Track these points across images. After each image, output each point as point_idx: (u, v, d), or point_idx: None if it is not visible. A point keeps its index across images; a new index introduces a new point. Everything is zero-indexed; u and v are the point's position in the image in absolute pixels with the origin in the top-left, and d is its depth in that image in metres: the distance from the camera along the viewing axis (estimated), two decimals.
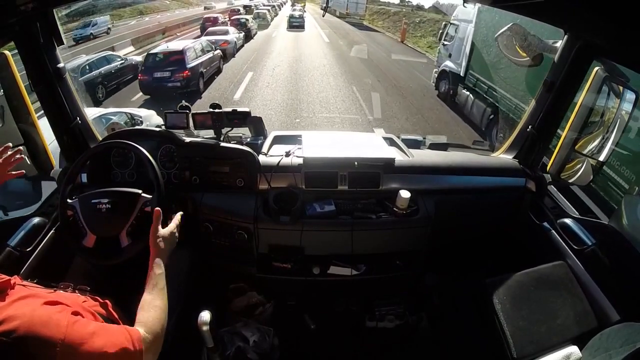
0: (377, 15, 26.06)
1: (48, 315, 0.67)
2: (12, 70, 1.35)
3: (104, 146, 1.41)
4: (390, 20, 23.37)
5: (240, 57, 11.82)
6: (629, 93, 1.35)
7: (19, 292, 0.70)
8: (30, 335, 0.62)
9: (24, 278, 0.86)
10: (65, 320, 0.67)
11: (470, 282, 1.48)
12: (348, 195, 1.54)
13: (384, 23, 23.72)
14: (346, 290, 1.71)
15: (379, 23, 24.32)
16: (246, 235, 1.49)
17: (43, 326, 0.64)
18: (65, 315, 0.69)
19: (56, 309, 0.70)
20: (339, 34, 18.08)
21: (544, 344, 1.17)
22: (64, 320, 0.67)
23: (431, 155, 1.75)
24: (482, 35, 6.09)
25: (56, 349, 0.63)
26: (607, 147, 1.42)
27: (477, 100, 6.28)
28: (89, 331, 0.69)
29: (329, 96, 8.04)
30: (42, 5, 1.23)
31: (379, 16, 25.76)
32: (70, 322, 0.68)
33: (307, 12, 25.85)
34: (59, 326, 0.66)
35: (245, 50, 13.09)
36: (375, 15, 26.10)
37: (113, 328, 0.76)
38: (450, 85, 7.26)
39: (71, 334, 0.66)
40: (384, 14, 25.51)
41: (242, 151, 1.53)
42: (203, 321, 1.04)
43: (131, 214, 1.21)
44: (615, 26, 0.97)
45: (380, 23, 24.21)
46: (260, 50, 13.19)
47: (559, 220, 1.51)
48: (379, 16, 25.76)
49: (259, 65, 10.84)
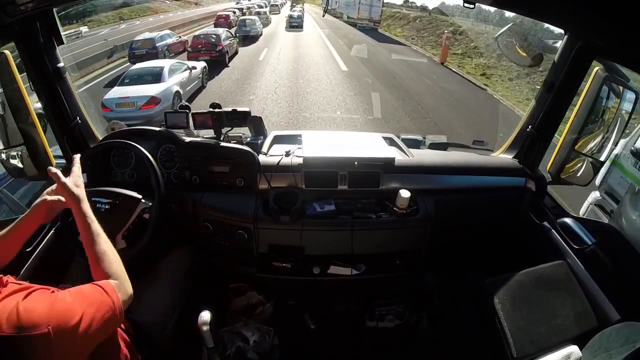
0: (393, 20, 20.47)
1: (31, 304, 0.68)
2: (12, 70, 1.35)
3: (104, 146, 1.41)
4: (412, 28, 18.05)
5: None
6: (629, 93, 1.35)
7: (9, 289, 0.71)
8: (18, 326, 0.63)
9: (24, 278, 0.86)
10: (46, 302, 0.69)
11: (470, 282, 1.49)
12: (348, 195, 1.54)
13: (404, 31, 18.33)
14: (346, 290, 1.71)
15: (397, 31, 18.81)
16: (246, 235, 1.49)
17: (28, 315, 0.65)
18: (46, 297, 0.71)
19: (36, 294, 0.71)
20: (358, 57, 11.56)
21: (544, 343, 1.17)
22: (44, 303, 0.69)
23: (431, 155, 1.75)
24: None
25: (48, 331, 0.65)
26: (607, 147, 1.43)
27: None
28: (68, 303, 0.71)
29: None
30: (42, 5, 1.23)
31: (395, 21, 20.30)
32: (50, 302, 0.69)
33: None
34: (42, 311, 0.67)
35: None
36: (390, 20, 20.47)
37: (85, 289, 0.78)
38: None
39: (55, 314, 0.67)
40: (402, 19, 19.98)
41: (242, 151, 1.53)
42: (203, 321, 1.04)
43: (129, 218, 1.21)
44: (616, 26, 0.97)
45: (399, 31, 18.68)
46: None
47: (559, 219, 1.51)
48: (395, 21, 20.30)
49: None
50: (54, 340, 0.65)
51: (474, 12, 17.51)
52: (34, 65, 1.37)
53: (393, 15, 21.02)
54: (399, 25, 19.41)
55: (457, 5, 24.36)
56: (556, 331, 1.19)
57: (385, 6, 20.29)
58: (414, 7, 22.95)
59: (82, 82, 8.36)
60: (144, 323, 1.10)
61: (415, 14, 19.84)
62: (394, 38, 17.30)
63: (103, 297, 0.77)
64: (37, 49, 1.34)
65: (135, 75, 6.71)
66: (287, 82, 8.85)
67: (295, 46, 14.25)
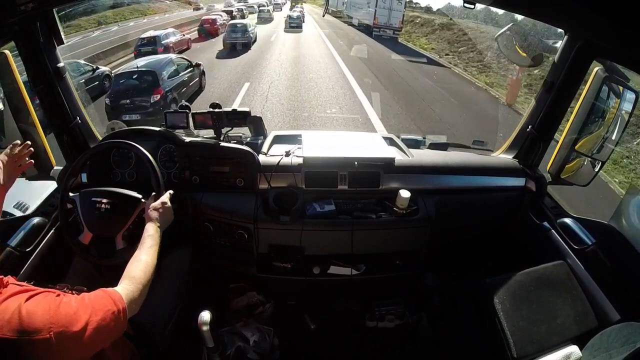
0: (413, 27, 16.51)
1: (34, 307, 0.67)
2: (12, 70, 1.35)
3: (105, 146, 1.41)
4: (440, 39, 14.12)
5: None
6: (629, 93, 1.35)
7: (10, 290, 0.70)
8: (19, 330, 0.63)
9: (24, 278, 0.86)
10: (50, 306, 0.69)
11: (470, 282, 1.48)
12: (348, 195, 1.54)
13: (431, 42, 14.39)
14: (346, 290, 1.71)
15: (421, 41, 14.91)
16: (246, 235, 1.49)
17: (30, 319, 0.65)
18: (50, 300, 0.70)
19: (40, 297, 0.71)
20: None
21: (544, 343, 1.17)
22: (48, 307, 0.68)
23: (431, 155, 1.75)
24: None
25: (50, 337, 0.64)
26: (607, 147, 1.43)
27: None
28: (73, 308, 0.71)
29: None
30: (42, 5, 1.23)
31: (416, 28, 16.42)
32: (54, 306, 0.69)
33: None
34: (45, 315, 0.67)
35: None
36: (410, 27, 16.52)
37: (92, 296, 0.78)
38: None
39: (59, 319, 0.67)
40: (424, 26, 16.19)
41: (242, 151, 1.53)
42: (203, 321, 1.04)
43: (129, 218, 1.21)
44: (616, 26, 0.97)
45: (423, 42, 14.76)
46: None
47: (559, 220, 1.51)
48: (416, 28, 16.42)
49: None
50: (55, 346, 0.65)
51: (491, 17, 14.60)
52: (34, 65, 1.37)
53: (412, 21, 17.03)
54: (421, 33, 15.75)
55: (467, 7, 23.33)
56: (556, 331, 1.19)
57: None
58: (418, 8, 19.95)
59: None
60: (144, 323, 1.10)
61: (441, 21, 15.84)
62: (424, 53, 12.87)
63: (109, 306, 0.77)
64: (37, 49, 1.34)
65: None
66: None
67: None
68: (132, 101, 6.13)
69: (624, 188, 4.66)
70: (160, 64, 6.84)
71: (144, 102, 6.15)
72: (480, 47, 11.75)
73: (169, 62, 7.17)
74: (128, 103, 6.08)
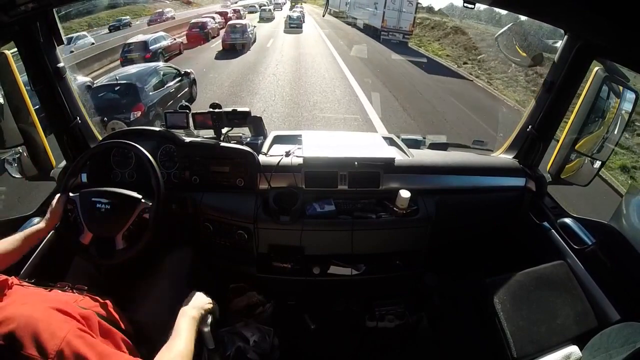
0: (422, 30, 15.25)
1: (49, 321, 0.65)
2: (12, 70, 1.35)
3: (105, 146, 1.41)
4: (454, 44, 12.77)
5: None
6: (629, 93, 1.35)
7: (18, 292, 0.70)
8: (27, 337, 0.61)
9: (24, 278, 0.86)
10: (66, 331, 0.65)
11: (470, 282, 1.49)
12: (348, 195, 1.54)
13: (444, 48, 13.03)
14: (346, 290, 1.71)
15: (433, 46, 13.61)
16: (246, 235, 1.49)
17: (43, 330, 0.62)
18: (69, 326, 0.67)
19: (62, 317, 0.68)
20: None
21: (544, 343, 1.17)
22: (65, 329, 0.65)
23: (431, 155, 1.75)
24: None
25: (50, 356, 0.61)
26: (607, 147, 1.43)
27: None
28: (88, 350, 0.65)
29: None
30: (42, 5, 1.23)
31: (425, 31, 15.15)
32: (71, 333, 0.65)
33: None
34: (58, 335, 0.63)
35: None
36: (418, 29, 15.19)
37: (119, 357, 0.71)
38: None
39: (69, 346, 0.63)
40: (434, 28, 14.98)
41: (242, 151, 1.53)
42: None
43: (129, 218, 1.21)
44: (616, 26, 0.97)
45: (436, 47, 13.45)
46: None
47: (559, 219, 1.51)
48: (425, 31, 15.15)
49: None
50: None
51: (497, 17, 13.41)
52: (34, 65, 1.37)
53: (420, 23, 15.65)
54: (432, 37, 14.43)
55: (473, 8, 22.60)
56: (556, 331, 1.19)
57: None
58: (420, 8, 17.31)
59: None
60: (144, 323, 1.10)
61: (453, 24, 14.57)
62: (439, 61, 11.27)
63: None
64: (37, 49, 1.34)
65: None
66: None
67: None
68: (110, 118, 5.35)
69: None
70: (142, 75, 6.16)
71: (123, 120, 5.39)
72: (491, 49, 10.41)
73: (152, 72, 6.43)
74: (106, 121, 5.29)
